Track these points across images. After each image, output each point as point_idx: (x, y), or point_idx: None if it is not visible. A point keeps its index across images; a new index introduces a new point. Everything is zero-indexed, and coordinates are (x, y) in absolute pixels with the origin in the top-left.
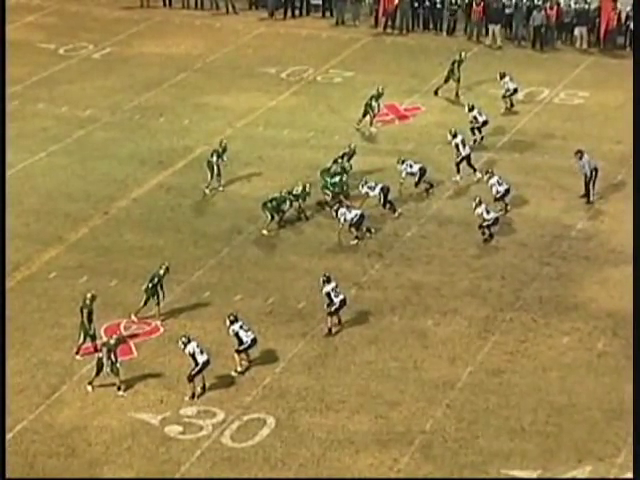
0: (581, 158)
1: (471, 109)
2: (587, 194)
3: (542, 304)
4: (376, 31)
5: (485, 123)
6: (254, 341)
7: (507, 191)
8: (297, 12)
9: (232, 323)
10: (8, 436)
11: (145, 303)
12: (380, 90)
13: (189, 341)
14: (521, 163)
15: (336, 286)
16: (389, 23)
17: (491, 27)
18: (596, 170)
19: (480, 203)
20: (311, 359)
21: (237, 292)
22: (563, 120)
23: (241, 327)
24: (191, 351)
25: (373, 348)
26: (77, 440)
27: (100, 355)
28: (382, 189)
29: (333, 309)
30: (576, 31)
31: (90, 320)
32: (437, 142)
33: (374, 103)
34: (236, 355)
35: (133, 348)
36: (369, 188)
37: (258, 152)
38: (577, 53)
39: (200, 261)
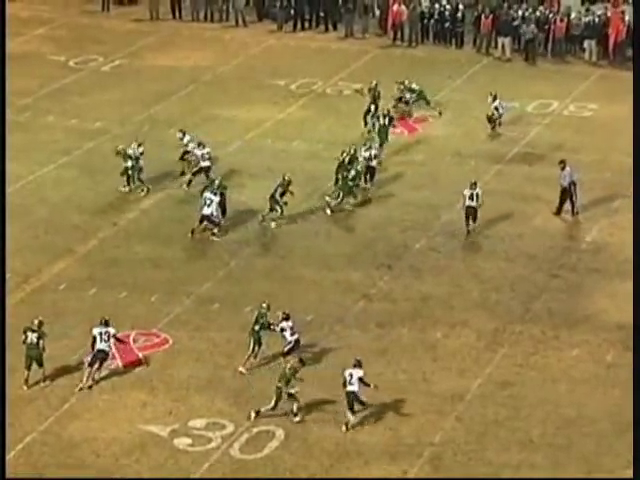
0: (563, 169)
1: (494, 99)
2: (560, 207)
3: (551, 316)
4: (385, 43)
5: (500, 116)
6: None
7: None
8: (307, 24)
9: (284, 320)
10: (18, 447)
11: (253, 350)
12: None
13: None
14: (530, 175)
15: (292, 326)
16: (398, 35)
17: (500, 39)
18: (574, 184)
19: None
20: (320, 371)
21: (246, 304)
22: (572, 132)
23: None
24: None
25: (382, 360)
26: (86, 452)
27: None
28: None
29: (286, 349)
30: (585, 44)
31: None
32: (446, 153)
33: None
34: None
35: (142, 359)
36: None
37: (267, 164)
38: (586, 65)
39: (209, 272)
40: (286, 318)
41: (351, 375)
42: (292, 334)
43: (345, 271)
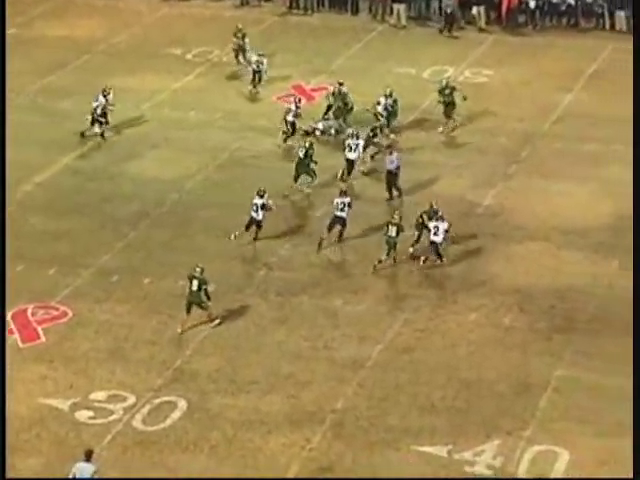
0: (391, 154)
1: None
2: (390, 192)
3: (450, 281)
4: (281, 11)
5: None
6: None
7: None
8: None
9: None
10: None
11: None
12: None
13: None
14: (427, 142)
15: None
16: (294, 3)
17: (395, 6)
18: (399, 168)
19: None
20: (222, 341)
21: (146, 275)
22: (468, 98)
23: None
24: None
25: (284, 328)
26: None
27: None
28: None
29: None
30: (474, 10)
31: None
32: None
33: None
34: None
35: (41, 333)
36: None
37: (165, 134)
38: (479, 31)
39: (107, 244)
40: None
41: (437, 227)
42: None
43: (245, 240)
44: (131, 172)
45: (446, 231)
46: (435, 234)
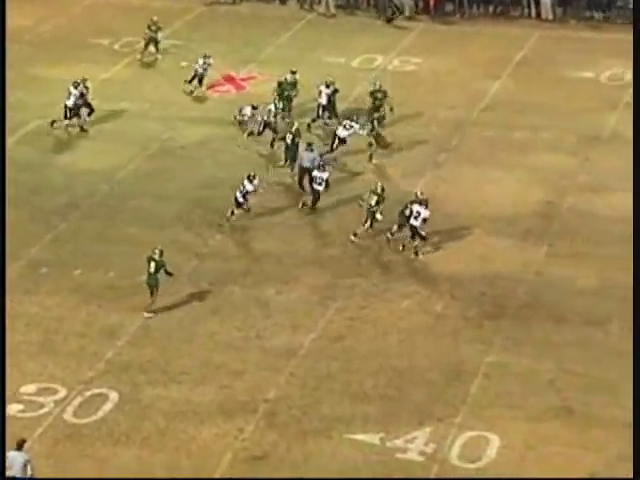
0: (312, 151)
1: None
2: (301, 184)
3: (382, 269)
4: (209, 0)
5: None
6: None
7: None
8: None
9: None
10: None
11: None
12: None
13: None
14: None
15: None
16: None
17: None
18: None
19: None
20: (154, 332)
21: (76, 266)
22: (397, 87)
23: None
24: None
25: (216, 319)
26: None
27: None
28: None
29: None
30: None
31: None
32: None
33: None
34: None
35: None
36: None
37: (94, 125)
38: (408, 20)
39: (37, 236)
40: None
41: (418, 212)
42: None
43: (176, 231)
44: (61, 164)
45: (424, 220)
46: (415, 218)
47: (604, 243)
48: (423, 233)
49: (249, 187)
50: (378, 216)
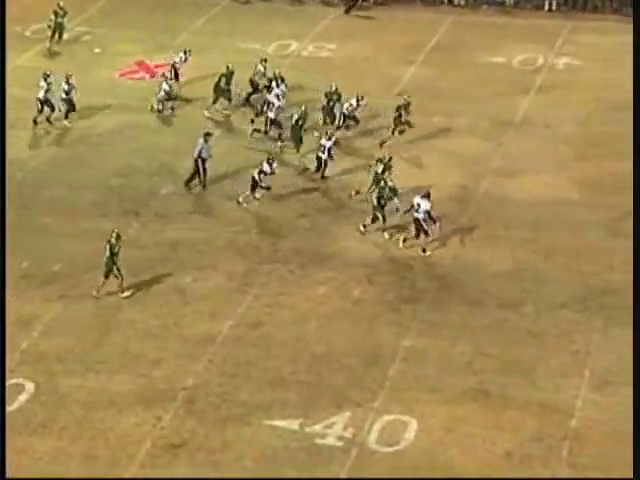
0: (207, 142)
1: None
2: (191, 179)
3: (299, 255)
4: None
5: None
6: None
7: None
8: None
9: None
10: None
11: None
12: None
13: None
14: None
15: None
16: None
17: None
18: (207, 159)
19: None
20: (70, 321)
21: None
22: (312, 73)
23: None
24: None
25: (134, 307)
26: None
27: None
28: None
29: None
30: None
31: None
32: (194, 97)
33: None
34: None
35: None
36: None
37: (15, 114)
38: (321, 5)
39: None
40: None
41: (419, 205)
42: None
43: (92, 219)
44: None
45: (427, 212)
46: (417, 211)
47: (518, 227)
48: (426, 227)
49: (267, 168)
50: (388, 183)
